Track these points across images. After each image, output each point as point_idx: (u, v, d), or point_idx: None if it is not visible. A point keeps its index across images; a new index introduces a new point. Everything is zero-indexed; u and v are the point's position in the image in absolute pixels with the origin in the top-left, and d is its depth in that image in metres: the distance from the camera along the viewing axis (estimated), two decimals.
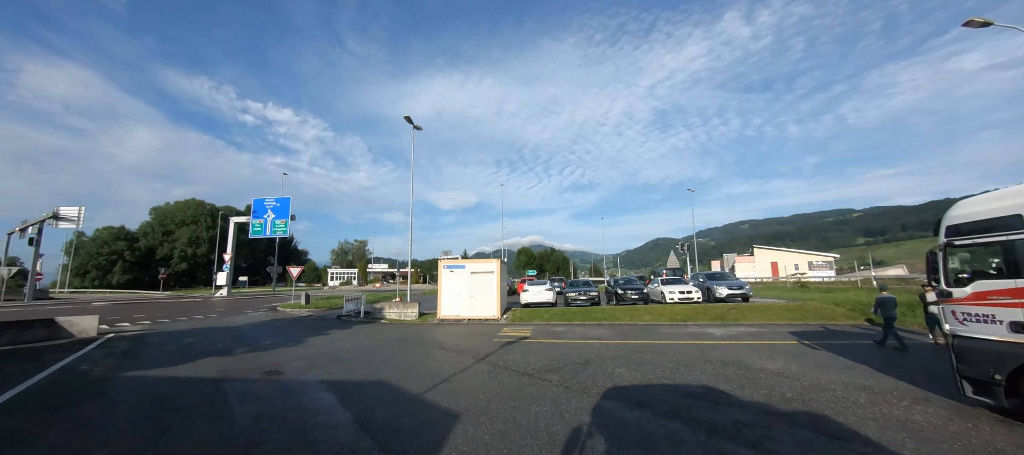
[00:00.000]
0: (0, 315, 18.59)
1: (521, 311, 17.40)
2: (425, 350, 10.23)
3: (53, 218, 27.86)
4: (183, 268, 74.54)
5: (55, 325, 11.59)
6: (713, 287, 17.34)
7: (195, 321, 16.75)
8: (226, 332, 13.51)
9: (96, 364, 8.60)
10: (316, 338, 12.21)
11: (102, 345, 10.71)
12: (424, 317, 17.26)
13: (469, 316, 16.42)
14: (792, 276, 45.30)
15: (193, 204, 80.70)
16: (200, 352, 9.92)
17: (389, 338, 12.23)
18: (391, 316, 17.18)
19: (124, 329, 13.90)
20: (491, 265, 16.84)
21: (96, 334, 12.21)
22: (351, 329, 14.36)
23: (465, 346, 10.71)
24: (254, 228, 34.58)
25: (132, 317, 17.61)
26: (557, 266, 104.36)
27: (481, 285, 16.60)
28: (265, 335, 12.88)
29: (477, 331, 13.54)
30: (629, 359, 8.62)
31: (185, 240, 75.45)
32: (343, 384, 6.99)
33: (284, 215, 34.39)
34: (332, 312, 20.64)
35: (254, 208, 34.89)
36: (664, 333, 12.11)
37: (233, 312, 21.00)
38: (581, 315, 15.67)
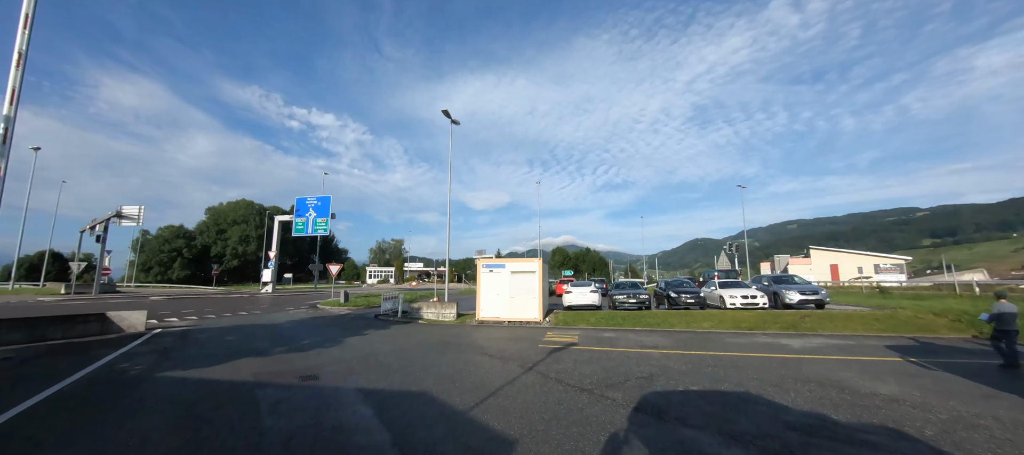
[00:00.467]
0: (62, 308, 19.68)
1: (564, 314, 16.41)
2: (467, 356, 9.48)
3: (116, 217, 29.75)
4: (234, 265, 78.71)
5: (106, 320, 11.78)
6: (782, 292, 15.59)
7: (239, 318, 16.94)
8: (267, 330, 13.39)
9: (136, 362, 8.44)
10: (354, 339, 11.78)
11: (147, 341, 10.72)
12: (462, 318, 16.63)
13: (509, 318, 15.61)
14: (855, 280, 41.56)
15: (243, 204, 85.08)
16: (239, 351, 9.66)
17: (428, 341, 11.62)
18: (429, 316, 16.66)
19: (171, 325, 14.11)
20: (532, 265, 15.96)
21: (144, 329, 12.36)
22: (389, 330, 13.91)
23: (509, 352, 9.89)
24: (297, 226, 35.58)
25: (181, 313, 18.09)
26: (593, 266, 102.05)
27: (522, 286, 15.75)
28: (304, 334, 12.63)
29: (519, 335, 12.70)
30: (700, 374, 7.47)
31: (236, 238, 79.64)
32: (382, 395, 6.32)
33: (324, 214, 35.12)
34: (370, 311, 20.47)
35: (297, 207, 35.91)
36: (731, 344, 10.77)
37: (276, 309, 21.29)
38: (630, 320, 14.48)
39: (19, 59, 9.18)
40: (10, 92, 9.03)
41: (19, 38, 9.24)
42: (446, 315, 16.47)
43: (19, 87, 9.16)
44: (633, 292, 17.37)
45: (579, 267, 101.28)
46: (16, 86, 9.10)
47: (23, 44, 9.27)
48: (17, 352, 9.03)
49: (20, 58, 9.20)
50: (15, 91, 9.08)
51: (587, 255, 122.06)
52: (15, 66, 9.13)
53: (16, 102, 9.10)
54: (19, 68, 9.17)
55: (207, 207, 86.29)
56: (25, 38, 9.30)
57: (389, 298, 18.38)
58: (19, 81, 9.15)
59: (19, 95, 9.18)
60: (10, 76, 9.06)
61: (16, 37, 9.22)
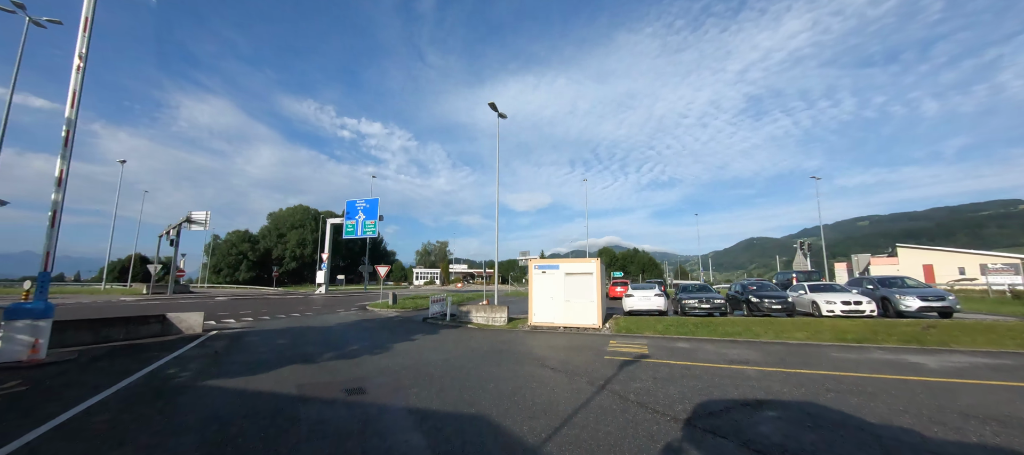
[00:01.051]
0: (134, 308, 20.83)
1: (625, 320, 14.93)
2: (525, 368, 8.41)
3: (187, 222, 31.84)
4: (293, 267, 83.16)
5: (166, 322, 11.91)
6: (894, 297, 13.14)
7: (292, 319, 16.98)
8: (316, 333, 13.08)
9: (185, 367, 8.14)
10: (403, 345, 11.09)
11: (200, 344, 10.61)
12: (513, 323, 15.62)
13: (564, 323, 14.39)
14: (956, 282, 36.23)
15: (300, 209, 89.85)
16: (286, 357, 9.20)
17: (480, 348, 10.69)
18: (478, 320, 15.81)
19: (227, 326, 14.22)
20: (589, 266, 14.64)
21: (201, 331, 12.41)
22: (438, 334, 13.16)
23: (573, 364, 8.71)
24: (347, 229, 36.46)
25: (239, 314, 18.51)
26: (642, 267, 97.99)
27: (578, 288, 14.48)
28: (353, 338, 12.15)
29: (579, 343, 11.46)
30: (822, 403, 5.89)
31: (294, 242, 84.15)
32: (434, 418, 5.38)
33: (373, 216, 35.67)
34: (418, 313, 20.01)
35: (347, 210, 36.80)
36: (840, 360, 8.92)
37: (327, 310, 21.41)
38: (704, 328, 12.77)
39: (79, 63, 9.26)
40: (71, 95, 9.11)
41: (79, 42, 9.33)
42: (496, 319, 15.53)
43: (79, 91, 9.23)
44: (706, 296, 15.50)
45: (627, 268, 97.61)
46: (77, 89, 9.17)
47: (83, 47, 9.35)
48: (80, 353, 9.08)
49: (80, 62, 9.27)
50: (76, 94, 9.15)
51: (635, 256, 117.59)
52: (75, 71, 9.21)
53: (77, 105, 9.17)
54: (79, 72, 9.24)
55: (269, 213, 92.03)
56: (85, 42, 9.38)
57: (437, 301, 17.77)
58: (79, 85, 9.23)
59: (79, 98, 9.25)
60: (71, 80, 9.15)
61: (76, 42, 9.33)
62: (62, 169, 8.91)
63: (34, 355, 8.01)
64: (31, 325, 8.07)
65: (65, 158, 8.94)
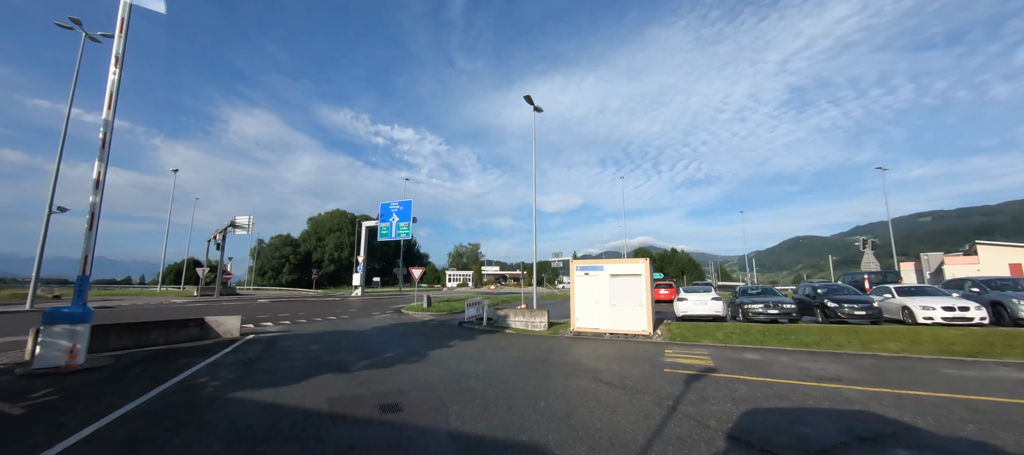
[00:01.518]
0: (176, 311, 21.38)
1: (678, 326, 13.66)
2: (577, 382, 7.47)
3: (231, 226, 33.01)
4: (331, 270, 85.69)
5: (205, 325, 11.80)
6: (1011, 301, 11.14)
7: (328, 323, 16.77)
8: (351, 338, 12.64)
9: (216, 375, 7.75)
10: (439, 352, 10.40)
11: (235, 350, 10.33)
12: (554, 328, 14.66)
13: (610, 329, 13.28)
14: None
15: (338, 214, 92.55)
16: (319, 365, 8.69)
17: (523, 357, 9.82)
18: (517, 325, 14.95)
19: (264, 330, 14.08)
20: (636, 266, 13.46)
21: (238, 335, 12.25)
22: (476, 340, 12.41)
23: (630, 378, 7.68)
24: (381, 231, 36.67)
25: (277, 316, 18.56)
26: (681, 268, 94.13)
27: (625, 291, 13.33)
28: (388, 344, 11.59)
29: (631, 352, 10.37)
30: (966, 434, 4.59)
31: (332, 245, 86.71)
32: (483, 447, 4.54)
33: (406, 218, 35.69)
34: (453, 317, 19.41)
35: (381, 213, 37.03)
36: (957, 379, 7.40)
37: (362, 314, 21.23)
38: (773, 337, 11.34)
39: (116, 62, 9.15)
40: (108, 97, 9.00)
41: (116, 43, 9.23)
42: (536, 324, 14.62)
43: (116, 92, 9.11)
44: (773, 300, 13.89)
45: (665, 269, 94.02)
46: (113, 92, 9.06)
47: (119, 48, 9.24)
48: (117, 358, 8.93)
49: (117, 62, 9.16)
50: (112, 96, 9.04)
51: (673, 257, 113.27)
52: (112, 69, 9.11)
53: (114, 106, 9.05)
54: (116, 74, 9.13)
55: (309, 217, 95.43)
56: (121, 42, 9.27)
57: (473, 304, 17.07)
58: (116, 87, 9.11)
59: (116, 99, 9.13)
60: (108, 80, 9.05)
61: (113, 42, 9.23)
62: (99, 171, 8.80)
63: (72, 361, 7.86)
64: (69, 330, 7.93)
65: (102, 160, 8.83)
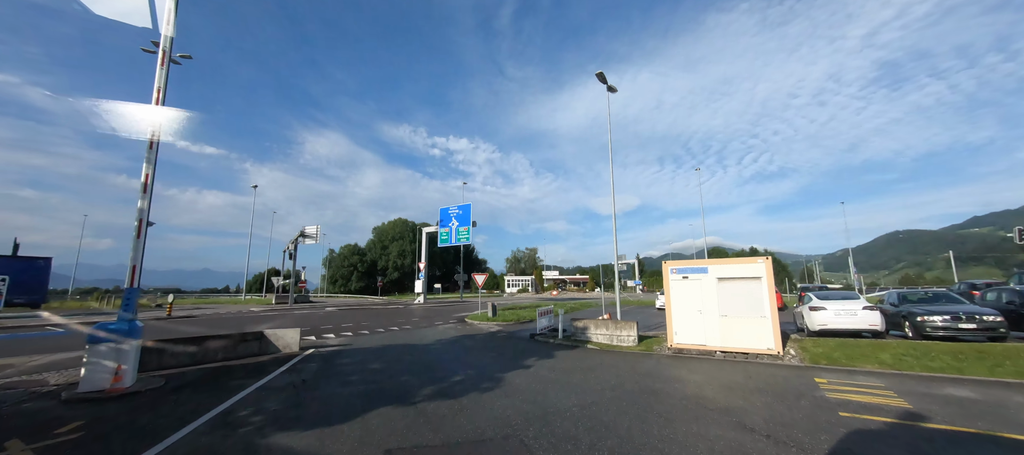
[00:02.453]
0: (241, 323, 21.61)
1: (814, 343, 10.71)
2: (715, 430, 5.24)
3: (301, 236, 34.17)
4: (395, 277, 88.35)
5: (264, 339, 11.00)
6: None
7: (390, 334, 15.69)
8: (414, 355, 11.23)
9: (262, 405, 6.50)
10: (516, 375, 8.56)
11: (291, 368, 9.25)
12: (646, 343, 12.28)
13: (722, 346, 10.66)
14: None
15: (400, 222, 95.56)
16: (377, 393, 7.20)
17: (622, 383, 7.70)
18: (599, 339, 12.76)
19: (325, 343, 13.19)
20: (755, 266, 10.73)
21: (297, 349, 11.34)
22: (555, 358, 10.44)
23: (795, 426, 5.30)
24: (441, 237, 36.05)
25: (341, 326, 17.92)
26: None
27: (739, 298, 10.67)
28: (454, 363, 9.99)
29: (765, 380, 7.83)
30: None
31: (395, 253, 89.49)
32: None
33: (466, 222, 34.73)
34: (522, 328, 17.59)
35: (441, 218, 36.45)
36: None
37: (425, 323, 20.13)
38: (974, 362, 8.16)
39: (163, 57, 8.44)
40: (156, 93, 8.29)
41: (163, 36, 8.55)
42: (623, 338, 12.34)
43: (164, 86, 8.39)
44: (966, 310, 10.34)
45: None
46: (161, 85, 8.34)
47: (166, 44, 8.55)
48: (168, 379, 8.12)
49: (164, 56, 8.46)
50: (161, 91, 8.31)
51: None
52: (160, 65, 8.41)
53: (162, 102, 8.34)
54: (163, 66, 8.42)
55: (374, 227, 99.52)
56: (169, 34, 8.58)
57: (545, 313, 15.14)
58: (164, 80, 8.39)
59: (164, 95, 8.41)
60: (156, 75, 8.36)
61: (160, 35, 8.56)
62: (148, 174, 8.09)
63: (117, 383, 7.04)
64: (114, 349, 7.15)
65: (150, 162, 8.12)
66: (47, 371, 8.70)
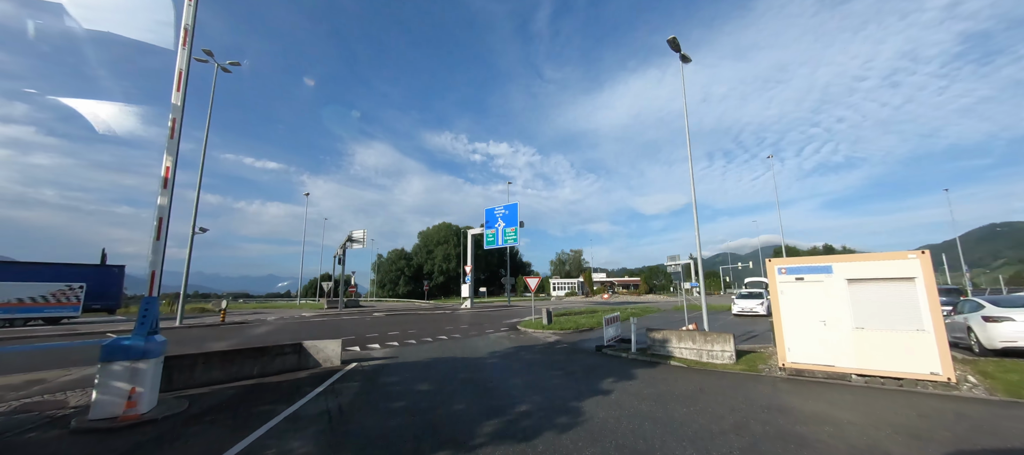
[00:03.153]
0: (286, 332, 21.17)
1: (1001, 367, 8.01)
2: None
3: (349, 241, 34.27)
4: (440, 281, 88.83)
5: (303, 352, 9.93)
6: None
7: (438, 343, 14.35)
8: (467, 372, 9.69)
9: (284, 446, 5.14)
10: (596, 405, 6.72)
11: (327, 391, 7.98)
12: (747, 360, 9.99)
13: (858, 368, 8.21)
14: None
15: (444, 227, 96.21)
16: (426, 430, 5.65)
17: (745, 423, 5.65)
18: (685, 355, 10.60)
19: (369, 354, 12.01)
20: (905, 264, 8.19)
21: (338, 363, 10.18)
22: (638, 380, 8.49)
23: None
24: (487, 239, 34.74)
25: (387, 335, 16.87)
26: None
27: (881, 306, 8.18)
28: (516, 384, 8.31)
29: (958, 423, 5.48)
30: None
31: (440, 257, 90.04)
32: None
33: (513, 223, 33.19)
34: (583, 338, 15.65)
35: (486, 219, 35.16)
36: None
37: (475, 330, 18.70)
38: None
39: (185, 36, 7.48)
40: (177, 76, 7.32)
41: (185, 13, 7.60)
42: (717, 354, 10.12)
43: (186, 69, 7.41)
44: None
45: None
46: (183, 68, 7.35)
47: (189, 18, 7.58)
48: (192, 401, 7.07)
49: (186, 35, 7.49)
50: (182, 74, 7.33)
51: (828, 255, 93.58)
52: (182, 45, 7.44)
53: (183, 87, 7.35)
54: (185, 46, 7.45)
55: (419, 232, 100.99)
56: (190, 11, 7.62)
57: (612, 320, 13.16)
58: (186, 62, 7.41)
59: (186, 79, 7.43)
60: (177, 57, 7.39)
61: (182, 14, 7.62)
62: (168, 165, 7.12)
63: (130, 410, 6.00)
64: (129, 369, 6.14)
65: (171, 153, 7.15)
66: (74, 389, 8.00)
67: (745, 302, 22.38)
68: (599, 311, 27.46)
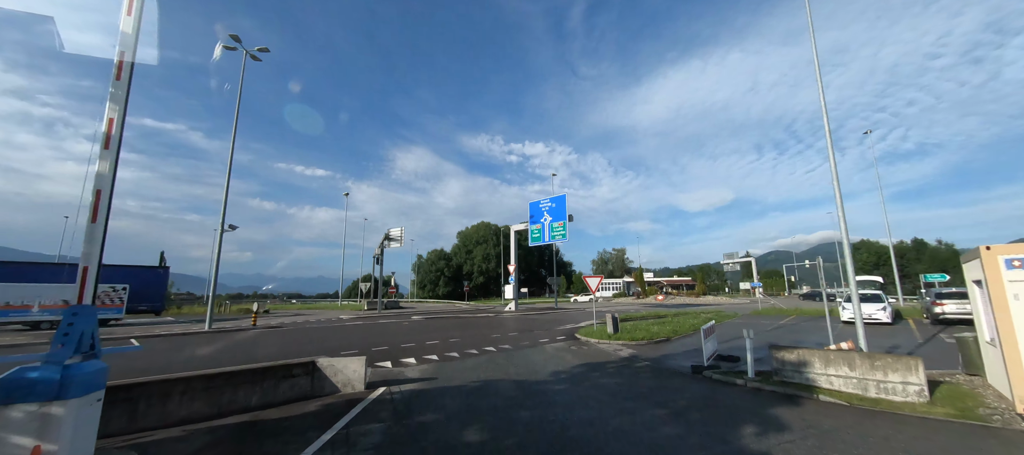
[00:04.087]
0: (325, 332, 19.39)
1: None
2: None
3: (387, 240, 32.78)
4: (480, 281, 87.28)
5: (317, 373, 7.74)
6: None
7: (486, 356, 11.87)
8: (530, 405, 7.08)
9: None
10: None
11: (342, 437, 5.61)
12: (945, 397, 6.69)
13: None
14: None
15: (483, 226, 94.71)
16: None
17: None
18: (837, 385, 7.41)
19: (402, 374, 9.68)
20: None
21: (361, 388, 7.89)
22: (791, 431, 5.53)
23: None
24: (532, 235, 31.96)
25: (425, 345, 14.60)
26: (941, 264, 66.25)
27: None
28: (606, 432, 5.59)
29: None
30: None
31: (480, 257, 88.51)
32: None
33: (561, 216, 30.14)
34: (664, 353, 12.62)
35: (531, 213, 32.40)
36: None
37: (525, 338, 16.10)
38: None
39: None
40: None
41: None
42: (894, 386, 6.88)
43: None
44: None
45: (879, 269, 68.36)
46: None
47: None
48: (152, 449, 4.89)
49: None
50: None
51: (929, 251, 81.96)
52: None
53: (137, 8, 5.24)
54: None
55: (458, 232, 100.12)
56: None
57: (710, 332, 10.09)
58: None
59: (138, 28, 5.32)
60: None
61: None
62: (112, 118, 4.99)
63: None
64: (36, 416, 4.00)
65: (117, 101, 5.02)
66: None
67: (865, 306, 17.70)
68: (667, 316, 24.05)
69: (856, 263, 64.03)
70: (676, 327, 16.88)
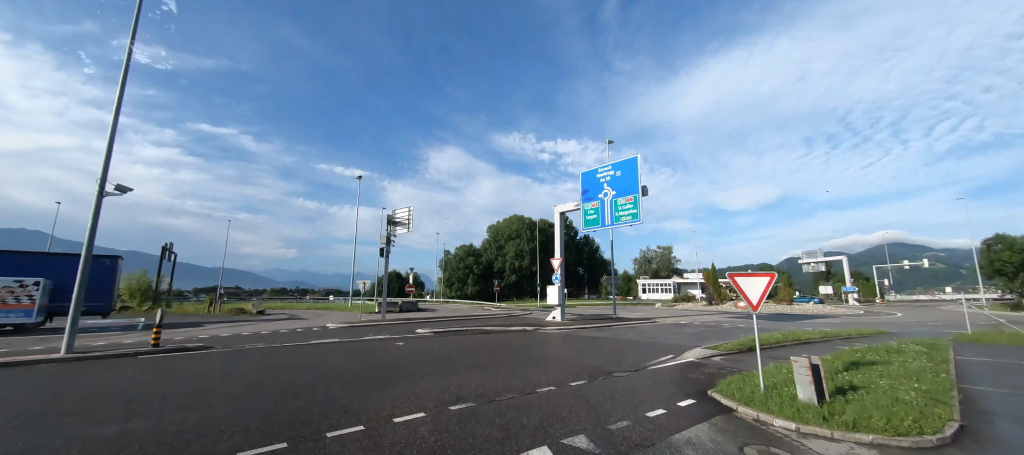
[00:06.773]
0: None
1: None
2: None
3: (390, 224, 25.57)
4: (512, 280, 79.62)
5: None
6: None
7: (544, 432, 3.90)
8: None
9: None
10: None
11: None
12: None
13: None
14: None
15: (516, 219, 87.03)
16: None
17: None
18: None
19: None
20: None
21: None
22: None
23: None
24: (587, 217, 23.20)
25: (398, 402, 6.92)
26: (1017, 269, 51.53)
27: None
28: None
29: None
30: None
31: (512, 253, 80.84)
32: None
33: (630, 188, 20.88)
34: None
35: (583, 187, 23.61)
36: None
37: (619, 408, 8.08)
38: None
39: None
40: None
41: None
42: None
43: None
44: None
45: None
46: None
47: None
48: None
49: None
50: None
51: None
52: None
53: None
54: None
55: (488, 226, 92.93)
56: None
57: None
58: None
59: None
60: None
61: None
62: None
63: None
64: None
65: None
66: None
67: None
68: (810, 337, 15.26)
69: (995, 263, 50.65)
70: (931, 387, 7.91)
